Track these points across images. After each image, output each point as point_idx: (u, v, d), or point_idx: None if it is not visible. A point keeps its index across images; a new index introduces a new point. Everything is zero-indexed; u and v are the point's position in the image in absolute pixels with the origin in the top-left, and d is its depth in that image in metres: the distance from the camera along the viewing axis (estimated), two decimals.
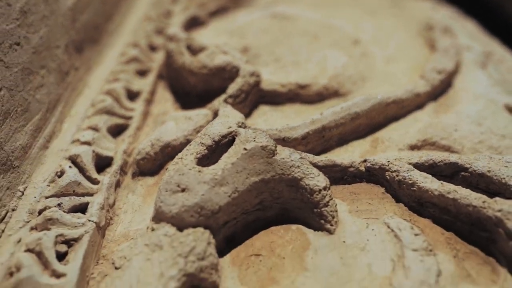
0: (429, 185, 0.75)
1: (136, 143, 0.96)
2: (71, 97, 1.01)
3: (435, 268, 0.67)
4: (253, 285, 0.70)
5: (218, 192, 0.72)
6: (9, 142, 0.80)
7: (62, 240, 0.74)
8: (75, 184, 0.82)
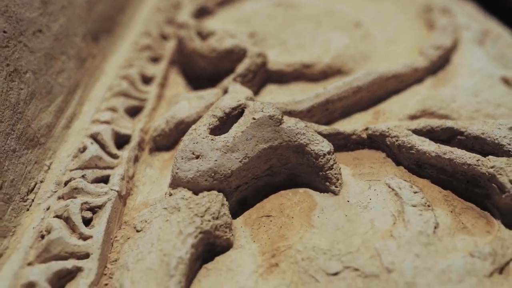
0: (427, 147, 0.80)
1: (152, 122, 1.02)
2: (89, 83, 1.07)
3: (433, 221, 0.72)
4: (264, 242, 0.75)
5: (229, 158, 0.78)
6: (35, 121, 0.87)
7: (87, 207, 0.80)
8: (97, 159, 0.88)
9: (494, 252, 0.68)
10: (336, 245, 0.72)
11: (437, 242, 0.70)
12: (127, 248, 0.75)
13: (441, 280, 0.64)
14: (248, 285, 0.70)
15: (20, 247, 0.73)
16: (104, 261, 0.74)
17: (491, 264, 0.67)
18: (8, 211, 0.76)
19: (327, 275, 0.68)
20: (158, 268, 0.69)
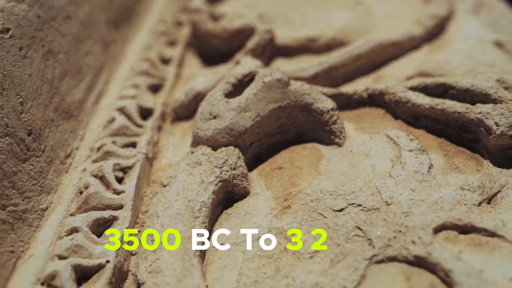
0: (421, 100, 0.88)
1: (172, 97, 1.11)
2: (113, 65, 1.17)
3: (427, 162, 0.81)
4: (277, 189, 0.84)
5: (243, 117, 0.87)
6: (69, 96, 0.97)
7: (118, 168, 0.90)
8: (125, 128, 0.98)
9: (483, 185, 0.76)
10: (341, 187, 0.81)
11: (431, 179, 0.78)
12: (156, 200, 0.85)
13: (434, 209, 0.73)
14: (264, 224, 0.79)
15: (63, 201, 0.83)
16: (136, 212, 0.84)
17: (479, 195, 0.75)
18: (51, 171, 0.86)
19: (333, 212, 0.77)
20: (184, 212, 0.78)
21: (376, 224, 0.73)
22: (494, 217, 0.72)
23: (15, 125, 0.80)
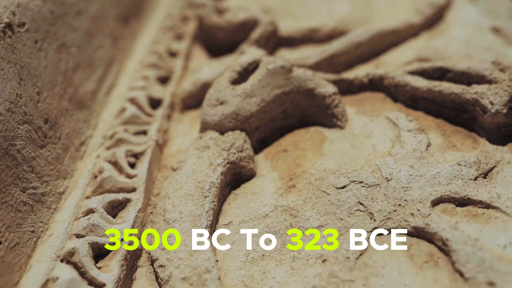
0: (419, 83, 0.92)
1: (180, 88, 1.16)
2: (123, 58, 1.22)
3: (426, 141, 0.84)
4: (282, 170, 0.88)
5: (249, 102, 0.91)
6: (82, 87, 1.02)
7: (130, 154, 0.94)
8: (136, 117, 1.02)
9: (479, 161, 0.79)
10: (343, 166, 0.84)
11: (429, 156, 0.82)
12: (167, 183, 0.89)
13: (431, 183, 0.77)
14: (270, 203, 0.83)
15: (79, 186, 0.88)
16: (148, 194, 0.88)
17: (476, 170, 0.78)
18: (66, 158, 0.91)
19: (336, 189, 0.81)
20: (194, 192, 0.82)
21: (376, 199, 0.77)
22: (490, 190, 0.75)
23: (32, 113, 0.84)
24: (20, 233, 0.76)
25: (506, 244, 0.69)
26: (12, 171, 0.77)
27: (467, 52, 1.06)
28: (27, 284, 0.72)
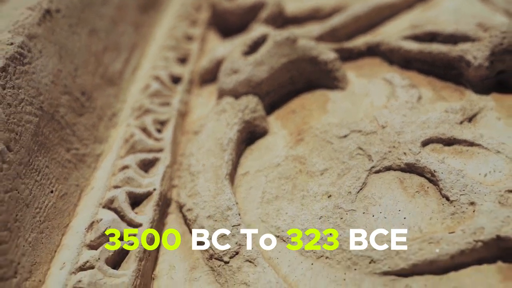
0: (411, 46, 1.03)
1: (197, 67, 1.28)
2: (144, 44, 1.34)
3: (417, 94, 0.95)
4: (291, 128, 1.00)
5: (259, 70, 1.03)
6: (110, 66, 1.14)
7: (157, 121, 1.06)
8: (159, 91, 1.14)
9: (464, 108, 0.90)
10: (345, 119, 0.96)
11: (420, 107, 0.92)
12: (190, 144, 1.01)
13: (421, 127, 0.87)
14: (281, 154, 0.94)
15: (113, 149, 1.00)
16: (174, 154, 1.00)
17: (461, 115, 0.89)
18: (101, 126, 1.03)
19: (338, 138, 0.92)
20: (214, 148, 0.94)
21: (374, 144, 0.88)
22: (473, 131, 0.86)
23: (71, 86, 0.97)
24: (67, 185, 0.88)
25: (486, 173, 0.79)
26: (58, 133, 0.90)
27: (456, 20, 1.15)
28: (77, 225, 0.85)
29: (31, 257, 0.76)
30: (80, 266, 0.76)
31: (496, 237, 0.68)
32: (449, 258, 0.69)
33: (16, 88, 0.82)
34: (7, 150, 0.75)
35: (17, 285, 0.72)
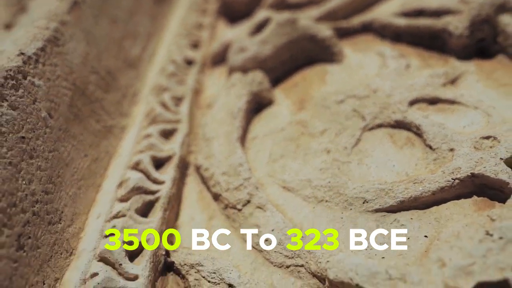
0: (401, 21, 1.14)
1: (208, 51, 1.40)
2: (158, 33, 1.47)
3: (405, 63, 1.06)
4: (294, 98, 1.12)
5: (264, 48, 1.15)
6: (130, 52, 1.27)
7: (174, 97, 1.18)
8: (175, 74, 1.26)
9: (447, 72, 1.01)
10: (342, 88, 1.07)
11: (408, 73, 1.04)
12: (204, 117, 1.13)
13: (409, 90, 0.99)
14: (286, 120, 1.06)
15: (136, 122, 1.13)
16: (190, 124, 1.12)
17: (444, 79, 1.00)
18: (125, 102, 1.16)
19: (336, 103, 1.03)
20: (226, 117, 1.06)
21: (367, 106, 0.99)
22: (455, 92, 0.97)
23: (98, 67, 1.10)
24: (98, 151, 1.01)
25: (465, 125, 0.90)
26: (89, 106, 1.02)
27: None
28: (108, 184, 0.98)
29: (71, 208, 0.88)
30: (113, 215, 0.88)
31: (471, 175, 0.79)
32: (431, 195, 0.80)
33: (53, 66, 0.94)
34: (49, 117, 0.88)
35: (62, 230, 0.84)
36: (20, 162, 0.79)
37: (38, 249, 0.78)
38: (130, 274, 0.80)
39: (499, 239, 0.68)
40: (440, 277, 0.67)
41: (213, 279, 0.80)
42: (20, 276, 0.73)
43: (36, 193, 0.80)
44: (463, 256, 0.68)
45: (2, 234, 0.71)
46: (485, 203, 0.79)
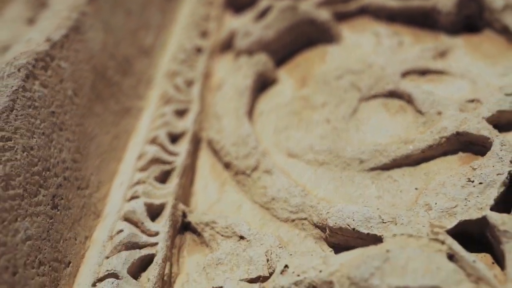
0: (394, 2, 1.23)
1: (217, 40, 1.50)
2: (169, 26, 1.57)
3: (399, 40, 1.15)
4: (296, 77, 1.21)
5: (268, 32, 1.24)
6: (144, 41, 1.37)
7: (186, 81, 1.28)
8: (186, 61, 1.36)
9: (436, 46, 1.10)
10: (341, 65, 1.16)
11: (401, 50, 1.12)
12: (214, 98, 1.23)
13: (401, 63, 1.07)
14: (289, 96, 1.15)
15: (151, 104, 1.23)
16: (201, 104, 1.22)
17: (434, 52, 1.08)
18: (141, 86, 1.26)
19: (335, 79, 1.12)
20: (234, 95, 1.15)
21: (363, 79, 1.08)
22: (444, 64, 1.06)
23: (115, 53, 1.20)
24: (118, 129, 1.11)
25: (452, 92, 0.99)
26: (109, 89, 1.12)
27: None
28: (128, 158, 1.07)
29: (97, 177, 0.98)
30: (134, 182, 0.98)
31: (456, 133, 0.87)
32: (420, 152, 0.89)
33: (76, 51, 1.05)
34: (74, 96, 0.98)
35: (89, 195, 0.94)
36: (51, 133, 0.89)
37: (69, 210, 0.88)
38: (152, 231, 0.89)
39: (479, 184, 0.76)
40: (426, 218, 0.75)
41: (226, 233, 0.89)
42: (56, 231, 0.83)
43: (66, 161, 0.90)
44: (447, 200, 0.77)
45: (39, 194, 0.81)
46: (469, 158, 0.87)
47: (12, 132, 0.80)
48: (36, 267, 0.76)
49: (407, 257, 0.67)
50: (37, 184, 0.81)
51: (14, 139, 0.79)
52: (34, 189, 0.80)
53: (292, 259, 0.75)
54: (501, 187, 0.75)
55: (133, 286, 0.81)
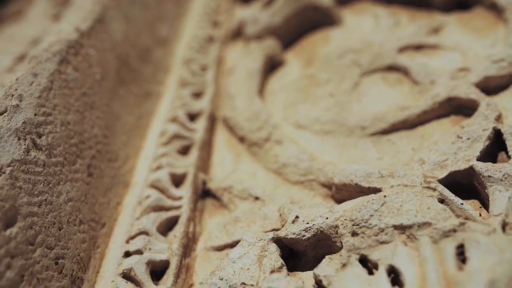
0: None
1: (227, 31, 1.60)
2: (182, 19, 1.68)
3: (396, 20, 1.24)
4: (303, 58, 1.31)
5: (274, 19, 1.34)
6: (160, 32, 1.48)
7: (200, 67, 1.39)
8: (199, 48, 1.47)
9: (430, 23, 1.19)
10: (343, 45, 1.26)
11: (397, 29, 1.22)
12: (227, 81, 1.33)
13: (398, 40, 1.17)
14: (296, 75, 1.25)
15: (170, 88, 1.33)
16: (216, 88, 1.32)
17: (428, 28, 1.18)
18: (160, 73, 1.37)
19: (337, 58, 1.22)
20: (245, 77, 1.26)
21: (363, 56, 1.17)
22: (437, 38, 1.15)
23: (136, 43, 1.31)
24: (141, 111, 1.22)
25: (445, 63, 1.08)
26: (131, 74, 1.23)
27: None
28: (151, 135, 1.18)
29: (124, 151, 1.09)
30: (159, 155, 1.08)
31: (448, 98, 0.97)
32: (416, 117, 0.98)
33: (101, 41, 1.15)
34: (101, 79, 1.09)
35: (119, 167, 1.05)
36: (84, 111, 1.00)
37: (102, 178, 0.98)
38: (176, 196, 0.99)
39: (467, 140, 0.86)
40: (420, 171, 0.85)
41: (242, 195, 0.99)
42: (92, 196, 0.94)
43: (97, 136, 1.01)
44: (439, 155, 0.86)
45: (76, 163, 0.92)
46: (460, 119, 0.96)
47: (51, 108, 0.91)
48: (78, 225, 0.87)
49: (402, 201, 0.76)
50: (75, 154, 0.92)
51: (54, 115, 0.90)
52: (72, 158, 0.91)
53: (302, 211, 0.85)
54: (486, 140, 0.84)
55: (161, 241, 0.91)
